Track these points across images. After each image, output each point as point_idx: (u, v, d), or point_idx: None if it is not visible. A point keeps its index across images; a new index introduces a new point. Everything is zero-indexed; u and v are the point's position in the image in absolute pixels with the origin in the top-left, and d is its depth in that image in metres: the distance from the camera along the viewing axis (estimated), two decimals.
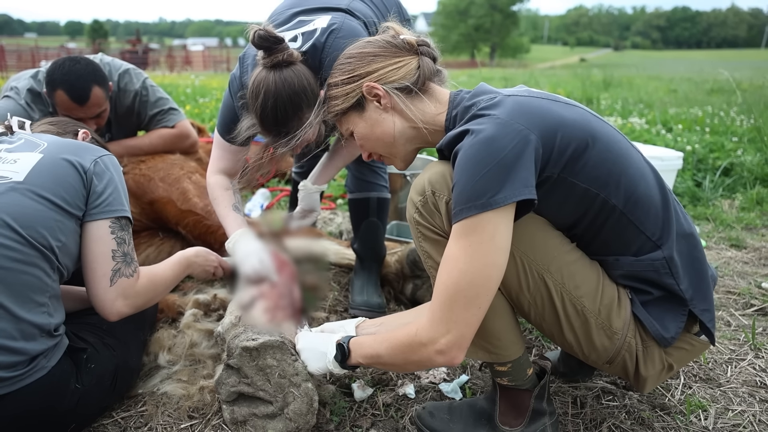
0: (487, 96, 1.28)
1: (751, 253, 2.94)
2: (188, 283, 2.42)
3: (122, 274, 1.44)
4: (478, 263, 1.14)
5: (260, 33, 1.47)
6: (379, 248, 2.32)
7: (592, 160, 1.21)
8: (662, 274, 1.27)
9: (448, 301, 1.17)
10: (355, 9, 1.81)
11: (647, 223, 1.26)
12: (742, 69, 18.66)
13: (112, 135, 2.63)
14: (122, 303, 1.44)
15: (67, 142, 1.49)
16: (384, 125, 1.36)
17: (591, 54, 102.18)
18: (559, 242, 1.30)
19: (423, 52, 1.34)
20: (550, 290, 1.28)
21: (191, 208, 2.37)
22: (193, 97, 9.81)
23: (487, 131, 1.15)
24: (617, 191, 1.23)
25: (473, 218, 1.13)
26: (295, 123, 1.53)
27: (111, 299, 1.43)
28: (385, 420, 1.57)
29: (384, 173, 2.31)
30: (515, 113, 1.18)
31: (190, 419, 1.56)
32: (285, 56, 1.51)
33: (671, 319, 1.29)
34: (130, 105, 2.57)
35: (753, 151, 4.58)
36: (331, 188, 4.09)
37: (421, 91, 1.34)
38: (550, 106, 1.23)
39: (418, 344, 1.21)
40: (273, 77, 1.51)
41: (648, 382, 1.34)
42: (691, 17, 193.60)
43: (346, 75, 1.35)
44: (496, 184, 1.12)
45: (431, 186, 1.29)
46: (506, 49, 75.35)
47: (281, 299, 1.64)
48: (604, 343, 1.30)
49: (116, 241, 1.43)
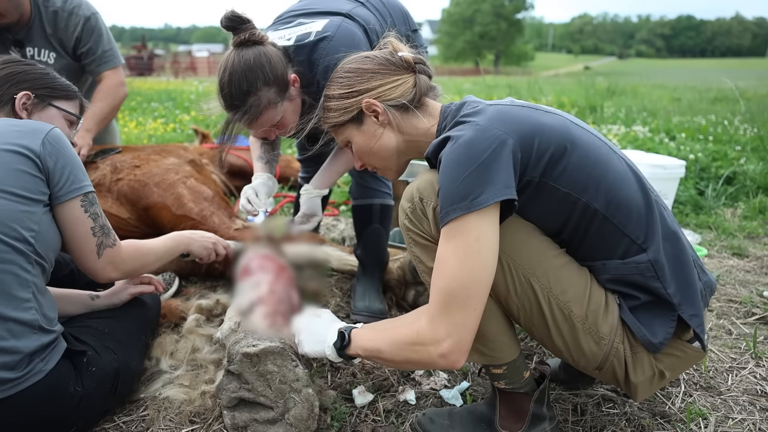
0: (470, 106, 1.33)
1: (753, 261, 2.94)
2: (191, 288, 2.43)
3: (106, 245, 1.50)
4: (467, 265, 1.17)
5: (227, 14, 1.58)
6: (382, 255, 2.33)
7: (571, 164, 1.24)
8: (648, 278, 1.28)
9: (444, 304, 1.19)
10: (356, 14, 1.84)
11: (630, 226, 1.28)
12: (746, 78, 18.68)
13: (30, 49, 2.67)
14: (112, 269, 1.53)
15: (6, 128, 1.41)
16: (380, 139, 1.40)
17: (595, 62, 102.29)
18: (546, 247, 1.32)
19: (419, 70, 1.39)
20: (537, 294, 1.30)
21: (186, 213, 2.38)
22: (197, 103, 9.85)
23: (466, 136, 1.20)
24: (597, 195, 1.26)
25: (458, 221, 1.17)
26: (251, 99, 1.61)
27: (101, 268, 1.51)
28: (386, 426, 1.58)
29: (387, 180, 2.32)
30: (494, 120, 1.23)
31: (192, 424, 1.57)
32: (248, 35, 1.61)
33: (660, 325, 1.29)
34: (73, 30, 2.67)
35: (756, 160, 4.58)
36: (334, 194, 4.10)
37: (416, 108, 1.38)
38: (530, 113, 1.28)
39: (420, 345, 1.23)
40: (233, 55, 1.61)
41: (639, 389, 1.34)
42: (695, 26, 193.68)
43: (345, 89, 1.38)
44: (478, 186, 1.15)
45: (419, 193, 1.34)
46: (510, 57, 75.50)
47: (280, 305, 1.65)
48: (592, 349, 1.31)
49: (91, 217, 1.46)
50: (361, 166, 1.51)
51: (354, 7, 1.86)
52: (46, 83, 1.59)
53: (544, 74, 37.80)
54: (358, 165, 1.51)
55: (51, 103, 1.59)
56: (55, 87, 1.61)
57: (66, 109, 1.63)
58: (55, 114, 1.60)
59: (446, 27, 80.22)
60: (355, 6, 1.87)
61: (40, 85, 1.58)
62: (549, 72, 49.33)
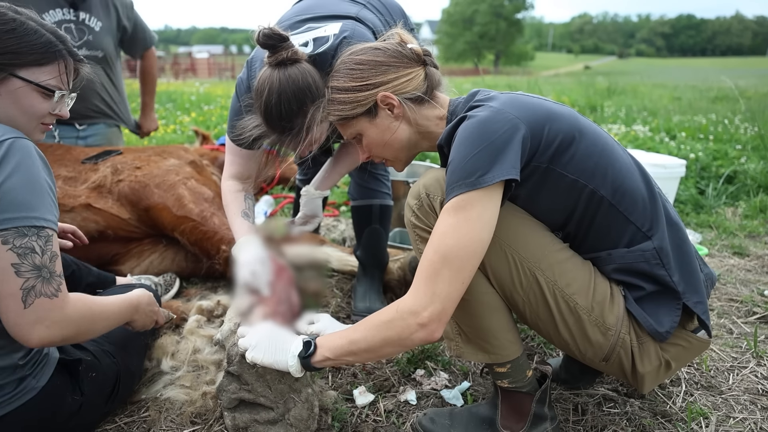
0: (483, 93, 1.36)
1: (753, 260, 2.94)
2: (192, 289, 2.44)
3: (39, 293, 1.15)
4: (465, 239, 1.18)
5: (265, 32, 1.48)
6: (382, 255, 2.33)
7: (580, 152, 1.27)
8: (653, 265, 1.29)
9: (433, 274, 1.19)
10: (364, 18, 1.83)
11: (636, 213, 1.30)
12: (746, 77, 18.65)
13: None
14: (44, 328, 1.15)
15: None
16: (394, 132, 1.41)
17: (595, 62, 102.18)
18: (550, 241, 1.34)
19: (428, 62, 1.39)
20: (542, 287, 1.31)
21: (187, 214, 2.38)
22: (197, 105, 9.87)
23: (482, 115, 1.23)
24: (604, 182, 1.28)
25: (463, 196, 1.18)
26: (299, 120, 1.53)
27: (28, 323, 1.14)
28: (387, 426, 1.58)
29: (387, 181, 2.32)
30: (507, 105, 1.26)
31: (193, 425, 1.57)
32: (290, 54, 1.52)
33: (665, 314, 1.31)
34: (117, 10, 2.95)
35: (756, 159, 4.57)
36: (334, 195, 4.10)
37: (428, 100, 1.39)
38: (541, 102, 1.32)
39: (398, 319, 1.21)
40: (278, 75, 1.51)
41: (646, 379, 1.35)
42: (695, 25, 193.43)
43: (359, 82, 1.37)
44: (487, 164, 1.18)
45: (426, 189, 1.36)
46: (510, 57, 75.39)
47: (280, 306, 1.65)
48: (598, 340, 1.32)
49: (15, 252, 1.13)
50: (368, 158, 1.51)
51: (359, 10, 1.85)
52: (6, 46, 1.21)
53: (544, 74, 37.78)
54: (365, 157, 1.51)
55: (13, 73, 1.23)
56: (20, 50, 1.23)
57: (34, 81, 1.25)
58: (20, 86, 1.24)
59: (446, 27, 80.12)
60: (361, 9, 1.87)
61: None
62: (549, 72, 49.30)
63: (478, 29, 74.90)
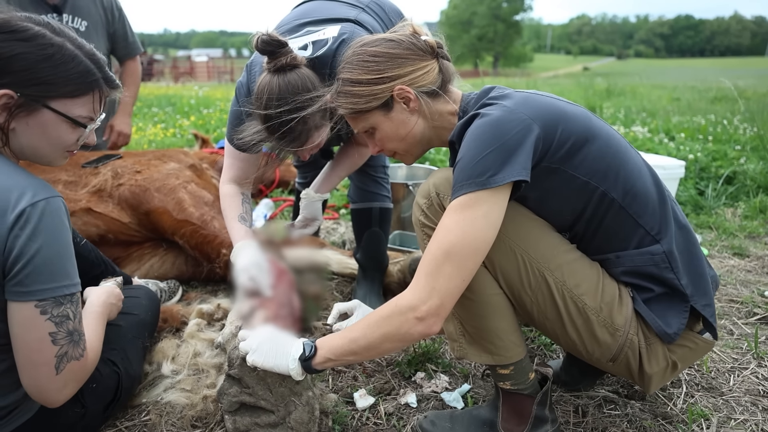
0: (498, 91, 1.35)
1: (754, 261, 2.94)
2: (192, 292, 2.44)
3: (71, 357, 1.15)
4: (470, 236, 1.18)
5: (263, 38, 1.49)
6: (382, 258, 2.33)
7: (592, 154, 1.26)
8: (662, 269, 1.30)
9: (434, 270, 1.19)
10: (362, 21, 1.83)
11: (645, 216, 1.30)
12: (745, 77, 18.65)
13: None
14: (70, 390, 1.18)
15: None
16: (409, 126, 1.40)
17: (594, 63, 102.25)
18: (558, 242, 1.34)
19: (442, 55, 1.39)
20: (551, 288, 1.31)
21: (187, 218, 2.38)
22: (197, 108, 9.87)
23: (495, 115, 1.22)
24: (616, 184, 1.28)
25: (471, 194, 1.18)
26: (299, 126, 1.54)
27: (57, 388, 1.15)
28: (387, 429, 1.58)
29: (386, 183, 2.32)
30: (521, 104, 1.25)
31: (194, 428, 1.57)
32: (288, 59, 1.53)
33: (673, 315, 1.31)
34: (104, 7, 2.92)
35: (756, 160, 4.58)
36: (334, 198, 4.11)
37: (442, 94, 1.39)
38: (555, 101, 1.31)
39: (397, 313, 1.21)
40: (277, 80, 1.52)
41: (653, 380, 1.36)
42: (694, 25, 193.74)
43: (375, 75, 1.33)
44: (498, 165, 1.17)
45: (435, 188, 1.36)
46: (509, 59, 75.45)
47: (281, 309, 1.65)
48: (606, 341, 1.32)
49: (53, 321, 1.11)
50: (379, 152, 1.50)
51: (358, 13, 1.86)
52: (41, 77, 1.12)
53: (543, 75, 37.80)
54: (375, 150, 1.49)
55: (46, 105, 1.15)
56: (56, 81, 1.14)
57: (67, 114, 1.18)
58: (51, 119, 1.17)
59: (445, 29, 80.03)
60: (359, 12, 1.87)
61: (30, 80, 1.12)
62: (548, 73, 49.33)
63: (477, 31, 75.02)
